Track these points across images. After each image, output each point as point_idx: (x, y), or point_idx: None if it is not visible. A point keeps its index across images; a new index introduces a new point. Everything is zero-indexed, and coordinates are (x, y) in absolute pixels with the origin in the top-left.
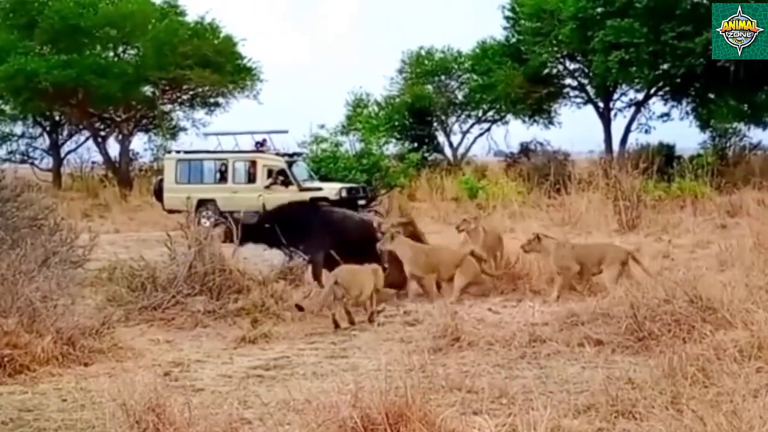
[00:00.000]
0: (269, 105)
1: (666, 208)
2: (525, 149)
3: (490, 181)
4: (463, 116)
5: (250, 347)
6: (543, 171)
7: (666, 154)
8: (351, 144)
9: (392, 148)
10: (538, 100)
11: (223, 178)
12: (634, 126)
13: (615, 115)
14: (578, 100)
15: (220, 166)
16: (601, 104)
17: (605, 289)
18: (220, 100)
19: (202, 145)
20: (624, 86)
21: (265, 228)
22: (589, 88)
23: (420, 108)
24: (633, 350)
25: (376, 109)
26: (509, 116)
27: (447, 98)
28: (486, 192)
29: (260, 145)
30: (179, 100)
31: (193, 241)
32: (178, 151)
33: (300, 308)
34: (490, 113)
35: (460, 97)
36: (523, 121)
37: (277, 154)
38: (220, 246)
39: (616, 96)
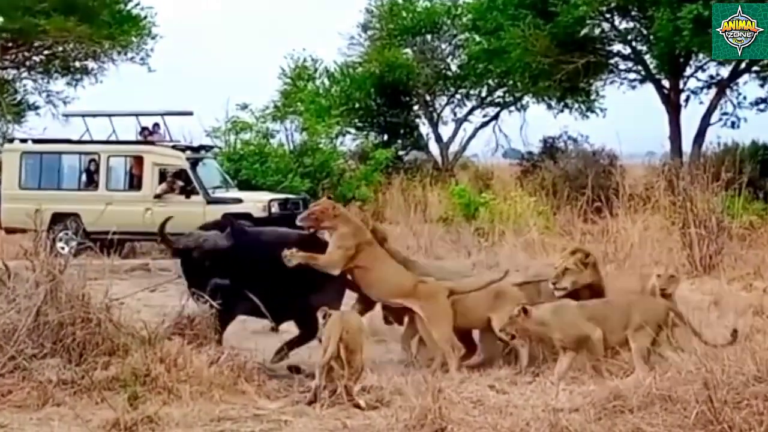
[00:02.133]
0: (166, 74)
1: (761, 241)
2: (550, 148)
3: (497, 194)
4: (458, 96)
5: None
6: (577, 181)
7: (763, 160)
8: (288, 135)
9: (350, 142)
10: (571, 74)
11: (91, 181)
12: (715, 117)
13: (687, 99)
14: (632, 76)
15: (87, 163)
16: (666, 83)
17: (664, 359)
18: (91, 64)
19: (61, 131)
20: (701, 56)
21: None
22: (648, 58)
23: (393, 83)
24: None
25: (326, 82)
26: (527, 98)
27: (434, 69)
28: (490, 211)
29: (149, 133)
30: (28, 62)
31: (43, 276)
32: (24, 140)
33: (296, 370)
34: (499, 93)
35: (453, 67)
36: (549, 106)
37: (175, 148)
38: (86, 284)
39: (689, 71)
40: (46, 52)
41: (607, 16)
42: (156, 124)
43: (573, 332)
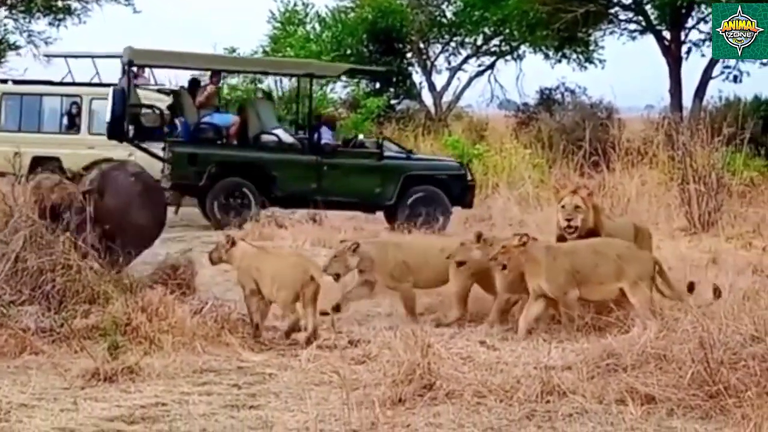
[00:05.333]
0: (151, 15)
1: (761, 198)
2: (547, 99)
3: (492, 146)
4: (452, 44)
5: (106, 387)
6: (574, 134)
7: (765, 115)
8: (276, 81)
9: (340, 89)
10: (570, 24)
11: (73, 124)
12: (717, 70)
13: (688, 52)
14: (632, 26)
15: (69, 106)
16: (667, 35)
17: (659, 317)
18: (74, 3)
19: (42, 73)
20: (703, 8)
21: None
22: (649, 8)
23: (386, 29)
24: (701, 411)
25: (317, 28)
26: (524, 48)
27: (428, 16)
28: (484, 163)
29: (134, 76)
30: (9, 0)
31: (21, 220)
32: (3, 81)
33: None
34: (495, 42)
35: (448, 14)
36: (546, 56)
37: (160, 91)
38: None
39: (690, 23)
40: None
41: None
42: (141, 67)
43: (559, 283)
